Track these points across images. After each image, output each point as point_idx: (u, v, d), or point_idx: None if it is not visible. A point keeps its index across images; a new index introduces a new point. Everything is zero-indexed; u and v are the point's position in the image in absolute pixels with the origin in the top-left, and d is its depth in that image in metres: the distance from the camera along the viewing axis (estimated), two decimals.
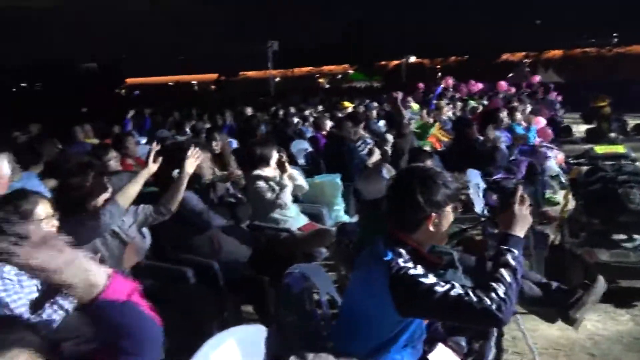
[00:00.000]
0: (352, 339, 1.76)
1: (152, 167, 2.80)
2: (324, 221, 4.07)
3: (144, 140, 7.45)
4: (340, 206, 4.41)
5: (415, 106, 10.95)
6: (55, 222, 2.17)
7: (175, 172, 2.93)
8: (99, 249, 2.46)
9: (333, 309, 2.19)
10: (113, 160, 3.80)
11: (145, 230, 2.98)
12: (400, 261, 1.62)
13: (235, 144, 6.06)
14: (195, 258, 3.10)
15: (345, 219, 4.23)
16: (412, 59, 34.36)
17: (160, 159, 2.83)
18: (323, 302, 2.15)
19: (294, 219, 3.80)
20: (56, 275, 0.99)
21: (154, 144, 3.00)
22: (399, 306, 1.58)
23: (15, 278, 2.02)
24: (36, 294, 2.07)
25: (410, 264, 1.62)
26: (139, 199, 2.74)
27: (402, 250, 1.66)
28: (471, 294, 1.51)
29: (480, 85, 14.24)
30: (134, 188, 2.63)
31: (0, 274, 1.98)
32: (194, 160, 2.86)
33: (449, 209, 1.72)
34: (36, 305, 2.03)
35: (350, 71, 47.75)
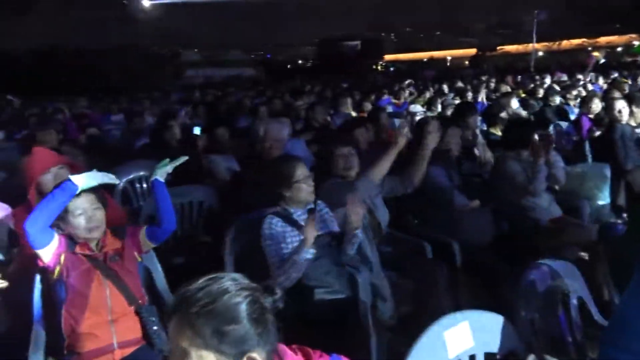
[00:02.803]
0: (625, 351, 1.52)
1: (401, 143, 2.88)
2: (582, 216, 3.58)
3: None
4: (605, 201, 3.80)
5: None
6: (312, 182, 2.46)
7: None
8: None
9: (584, 315, 1.95)
10: (369, 133, 4.07)
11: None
12: None
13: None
14: (435, 234, 3.13)
15: (611, 216, 3.64)
16: None
17: (407, 134, 2.87)
18: (572, 306, 1.93)
19: (545, 209, 3.45)
20: None
21: (404, 120, 3.08)
22: None
23: (282, 230, 2.38)
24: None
25: None
26: None
27: None
28: None
29: None
30: (385, 163, 2.75)
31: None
32: (436, 134, 2.84)
33: None
34: None
35: (636, 42, 39.78)
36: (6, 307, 2.34)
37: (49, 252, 2.02)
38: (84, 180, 2.02)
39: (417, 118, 5.67)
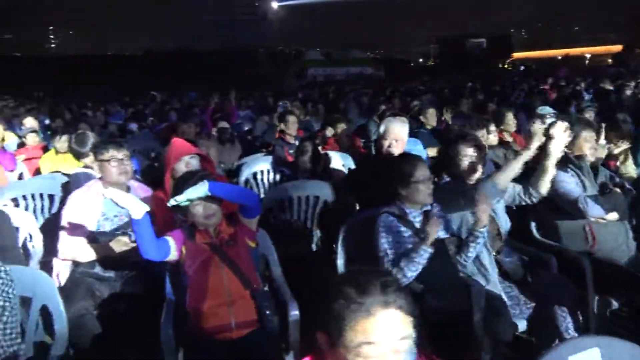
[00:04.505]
0: None
1: (533, 147, 2.63)
2: None
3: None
4: None
5: None
6: (431, 186, 2.39)
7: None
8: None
9: None
10: (492, 134, 3.87)
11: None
12: None
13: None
14: (562, 247, 2.87)
15: None
16: None
17: (541, 138, 2.64)
18: None
19: None
20: None
21: (537, 122, 2.82)
22: None
23: (396, 230, 2.35)
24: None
25: None
26: None
27: None
28: None
29: None
30: (514, 168, 2.56)
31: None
32: (561, 139, 2.55)
33: None
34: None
35: None
36: (142, 279, 2.64)
37: (173, 254, 2.26)
38: (142, 208, 2.10)
39: (547, 120, 5.24)
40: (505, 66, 40.13)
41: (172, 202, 2.22)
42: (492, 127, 3.98)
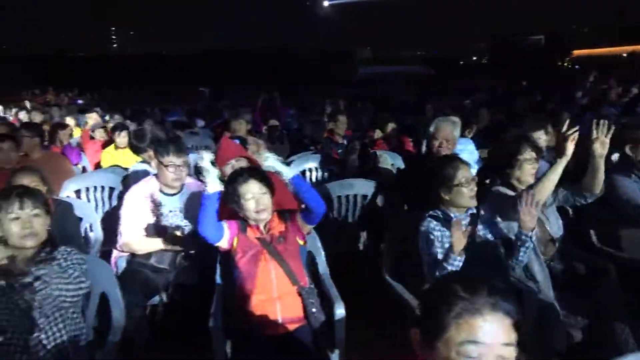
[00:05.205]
0: None
1: (568, 154, 2.45)
2: None
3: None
4: None
5: None
6: (474, 187, 2.33)
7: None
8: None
9: None
10: (549, 135, 3.72)
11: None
12: None
13: None
14: (621, 254, 2.73)
15: None
16: None
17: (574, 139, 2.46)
18: None
19: None
20: None
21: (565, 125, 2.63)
22: None
23: (440, 234, 2.32)
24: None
25: None
26: None
27: None
28: None
29: None
30: (551, 180, 2.43)
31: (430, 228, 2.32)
32: (602, 140, 2.41)
33: None
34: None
35: None
36: (195, 271, 2.73)
37: (225, 240, 2.32)
38: (217, 187, 2.24)
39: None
40: (565, 64, 38.38)
41: (264, 162, 2.37)
42: (550, 128, 3.81)
